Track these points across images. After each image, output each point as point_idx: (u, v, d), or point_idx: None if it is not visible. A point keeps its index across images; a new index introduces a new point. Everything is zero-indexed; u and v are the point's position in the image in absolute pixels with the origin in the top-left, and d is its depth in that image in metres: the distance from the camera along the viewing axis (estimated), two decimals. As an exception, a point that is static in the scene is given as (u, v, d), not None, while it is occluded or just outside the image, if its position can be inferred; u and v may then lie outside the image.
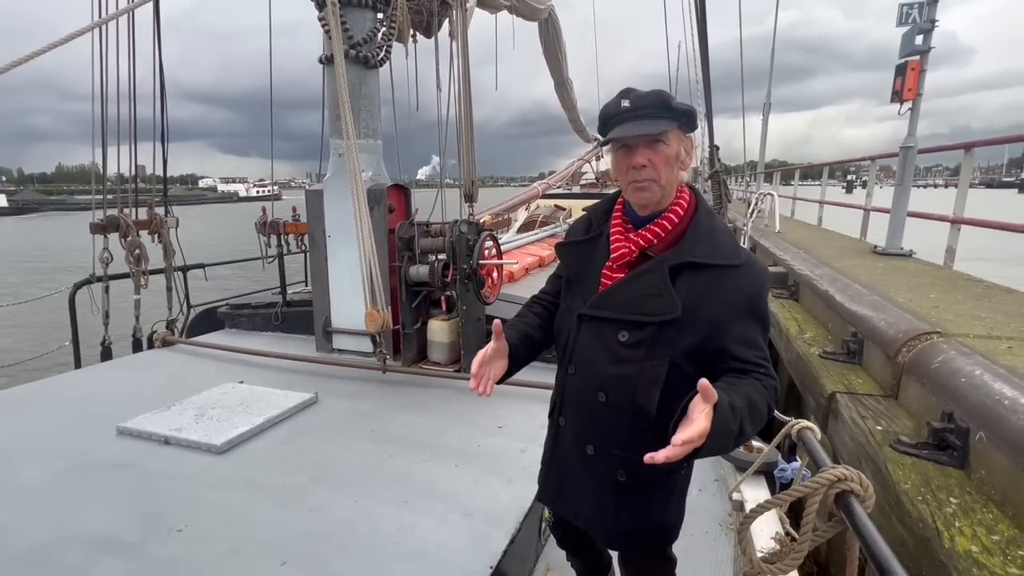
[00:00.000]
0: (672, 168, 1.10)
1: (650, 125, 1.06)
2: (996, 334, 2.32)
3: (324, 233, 3.75)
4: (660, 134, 1.07)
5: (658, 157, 1.08)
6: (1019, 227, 3.43)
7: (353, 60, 3.50)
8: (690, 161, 1.15)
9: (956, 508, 1.58)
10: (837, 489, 1.13)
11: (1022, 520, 1.49)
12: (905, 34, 4.27)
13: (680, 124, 1.10)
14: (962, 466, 1.78)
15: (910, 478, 1.72)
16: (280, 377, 3.34)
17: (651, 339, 1.08)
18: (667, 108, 1.08)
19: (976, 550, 1.40)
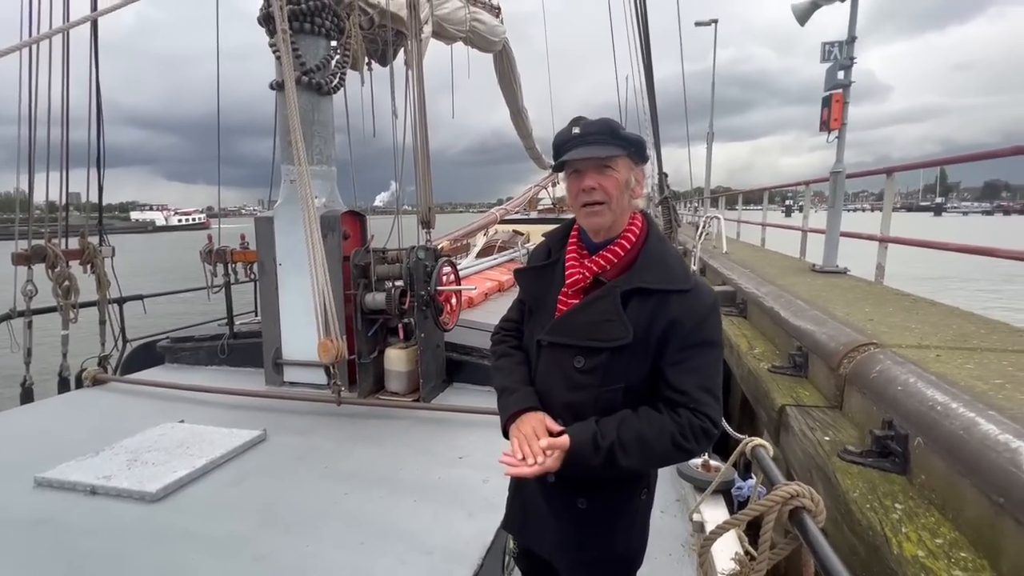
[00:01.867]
0: (622, 194, 1.12)
1: (598, 150, 1.09)
2: (926, 344, 2.48)
3: (275, 261, 3.63)
4: (608, 158, 1.10)
5: (608, 181, 1.10)
6: (937, 244, 3.73)
7: (306, 86, 3.46)
8: (640, 190, 1.18)
9: (901, 514, 1.64)
10: (791, 506, 1.16)
11: (961, 522, 1.56)
12: (828, 69, 4.66)
13: (628, 152, 1.13)
14: (904, 472, 1.86)
15: (858, 486, 1.79)
16: (226, 414, 3.15)
17: (605, 365, 1.09)
18: (615, 135, 1.11)
19: (923, 555, 1.46)
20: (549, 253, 1.26)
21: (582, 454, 1.04)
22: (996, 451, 1.48)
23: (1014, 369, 2.07)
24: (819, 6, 4.59)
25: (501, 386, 1.24)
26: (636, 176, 1.16)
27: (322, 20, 3.43)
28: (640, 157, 1.16)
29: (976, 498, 1.50)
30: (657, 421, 1.06)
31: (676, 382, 1.06)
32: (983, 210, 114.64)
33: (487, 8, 6.56)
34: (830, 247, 5.06)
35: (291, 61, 2.90)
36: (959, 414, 1.69)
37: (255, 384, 3.64)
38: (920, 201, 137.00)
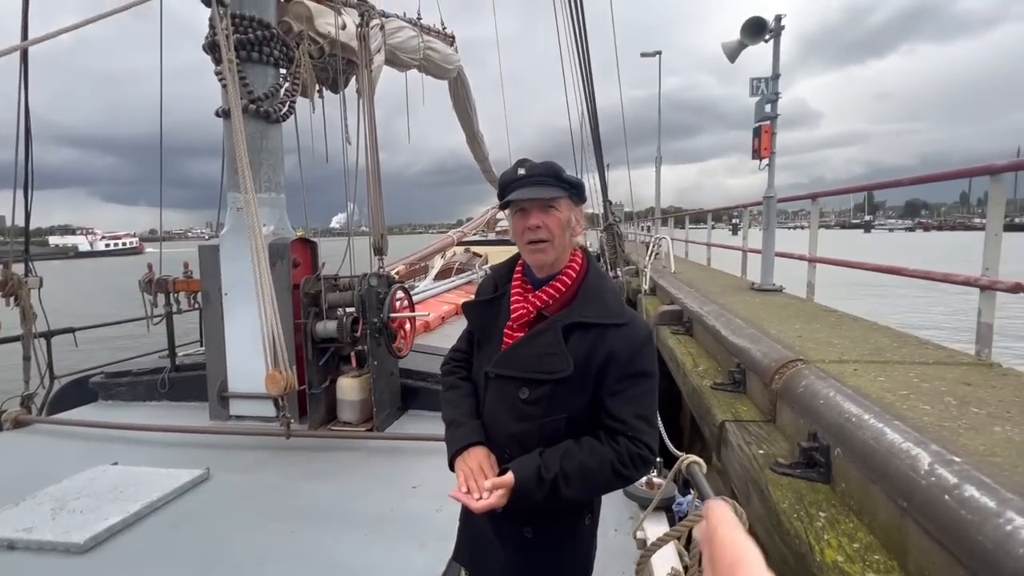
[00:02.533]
0: (564, 232, 1.19)
1: (543, 191, 1.17)
2: (846, 358, 2.69)
3: (220, 290, 3.53)
4: (552, 199, 1.17)
5: (551, 220, 1.17)
6: (856, 264, 4.07)
7: (253, 114, 3.44)
8: (580, 228, 1.26)
9: (824, 521, 1.77)
10: None
11: (875, 526, 1.70)
12: (757, 103, 5.04)
13: (570, 194, 1.21)
14: (827, 481, 2.01)
15: (787, 497, 1.91)
16: (166, 453, 3.00)
17: (548, 396, 1.14)
18: (558, 178, 1.19)
19: (841, 560, 1.58)
20: (496, 287, 1.32)
21: (526, 489, 1.09)
22: (900, 458, 1.63)
23: (918, 380, 2.28)
24: (746, 46, 4.98)
25: (449, 419, 1.29)
26: (576, 216, 1.24)
27: (270, 49, 3.44)
28: (580, 198, 1.24)
29: (885, 503, 1.65)
30: (598, 451, 1.11)
31: (615, 411, 1.13)
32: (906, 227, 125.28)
33: (441, 37, 6.70)
34: (766, 266, 5.39)
35: (237, 90, 2.88)
36: (870, 425, 1.85)
37: (199, 420, 3.49)
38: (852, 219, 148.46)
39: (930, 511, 1.42)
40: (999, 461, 1.49)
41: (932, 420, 1.82)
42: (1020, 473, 1.41)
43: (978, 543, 1.23)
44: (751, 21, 4.82)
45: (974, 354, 2.69)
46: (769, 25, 4.85)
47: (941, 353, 2.77)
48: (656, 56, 16.08)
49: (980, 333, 2.69)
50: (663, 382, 4.70)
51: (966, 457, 1.50)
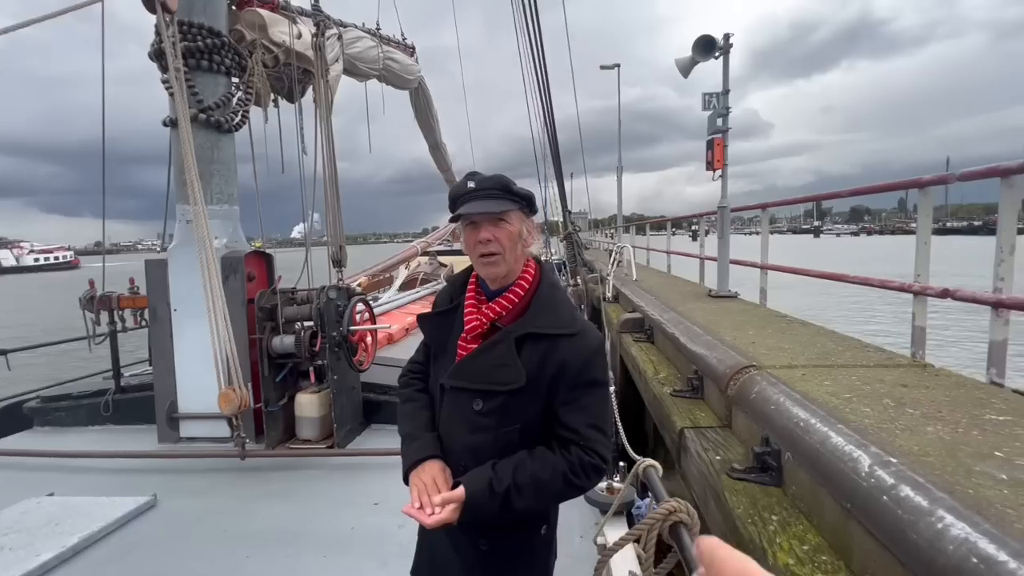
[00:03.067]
0: (516, 245, 1.20)
1: (493, 204, 1.17)
2: (795, 363, 2.81)
3: (168, 306, 3.37)
4: (502, 212, 1.18)
5: (502, 233, 1.17)
6: (803, 271, 4.27)
7: (204, 124, 3.33)
8: (532, 240, 1.26)
9: (777, 525, 1.84)
10: (671, 521, 1.27)
11: (823, 528, 1.78)
12: (709, 117, 5.25)
13: (520, 206, 1.22)
14: (779, 485, 2.09)
15: (742, 502, 1.97)
16: (109, 481, 2.83)
17: (502, 407, 1.14)
18: (507, 191, 1.20)
19: (792, 562, 1.64)
20: (451, 299, 1.31)
21: (478, 502, 1.09)
22: (843, 461, 1.71)
23: (860, 383, 2.41)
24: (697, 62, 5.19)
25: (405, 432, 1.28)
26: (528, 227, 1.24)
27: (221, 58, 3.33)
28: (530, 210, 1.25)
29: (832, 505, 1.72)
30: (550, 461, 1.13)
31: (567, 420, 1.14)
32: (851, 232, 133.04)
33: (401, 47, 6.67)
34: (722, 274, 5.58)
35: (184, 100, 2.79)
36: (817, 429, 1.94)
37: (146, 443, 3.31)
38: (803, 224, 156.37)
39: (870, 511, 1.49)
40: (931, 461, 1.59)
41: (872, 422, 1.92)
42: (949, 472, 1.51)
43: (913, 541, 1.30)
44: (701, 39, 5.03)
45: (910, 355, 2.86)
46: (718, 43, 5.07)
47: (881, 355, 2.93)
48: (615, 68, 16.50)
49: (914, 336, 2.86)
50: (628, 389, 4.78)
51: (902, 458, 1.59)
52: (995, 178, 2.24)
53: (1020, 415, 1.93)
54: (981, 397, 2.13)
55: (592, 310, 6.83)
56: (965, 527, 1.23)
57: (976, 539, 1.18)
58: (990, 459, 1.57)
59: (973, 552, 1.16)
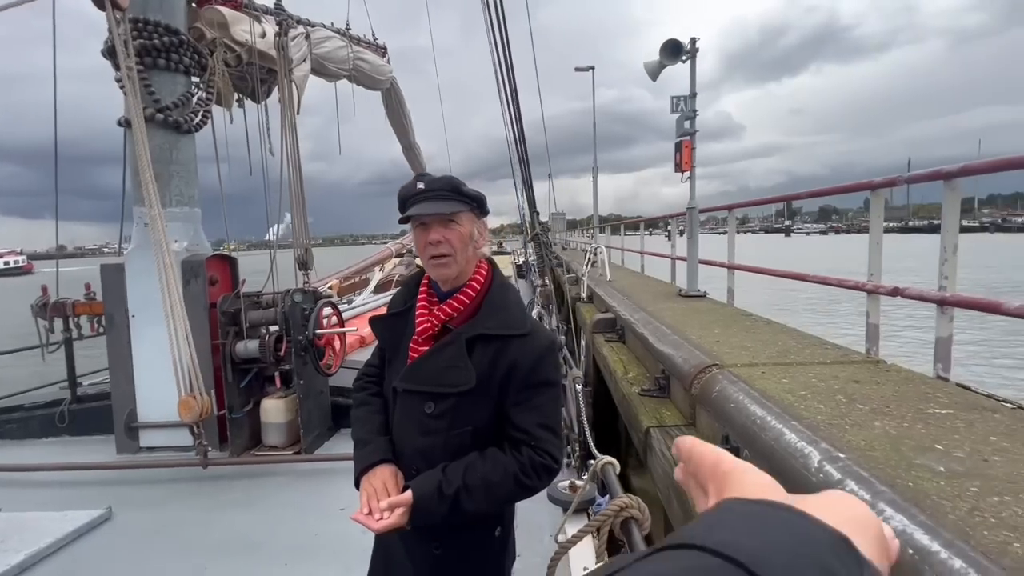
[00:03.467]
0: (467, 246, 1.19)
1: (443, 205, 1.16)
2: (755, 362, 2.88)
3: (126, 312, 3.27)
4: (453, 214, 1.17)
5: (452, 235, 1.17)
6: (767, 271, 4.38)
7: (162, 124, 3.23)
8: (484, 241, 1.26)
9: (733, 519, 1.88)
10: (622, 517, 1.29)
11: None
12: (677, 120, 5.34)
13: (471, 207, 1.21)
14: (738, 480, 2.14)
15: (700, 498, 2.01)
16: (62, 495, 2.73)
17: (453, 409, 1.14)
18: (457, 192, 1.18)
19: (745, 554, 1.68)
20: (405, 301, 1.30)
21: (427, 505, 1.08)
22: (795, 457, 1.76)
23: (816, 379, 2.48)
24: (665, 65, 5.27)
25: (357, 437, 1.27)
26: (479, 228, 1.24)
27: (179, 56, 3.24)
28: (481, 211, 1.24)
29: (785, 499, 1.78)
30: (501, 462, 1.13)
31: (518, 421, 1.14)
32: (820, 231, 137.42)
33: (372, 48, 6.60)
34: (691, 274, 5.69)
35: (138, 99, 2.70)
36: (772, 426, 1.99)
37: (104, 455, 3.20)
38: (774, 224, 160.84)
39: (818, 506, 1.54)
40: (877, 455, 1.65)
41: (824, 418, 1.98)
42: (892, 466, 1.57)
43: (855, 534, 1.35)
44: (668, 43, 5.11)
45: (864, 352, 2.96)
46: (685, 47, 5.16)
47: (837, 352, 3.02)
48: (590, 71, 16.63)
49: (868, 332, 2.96)
50: (600, 388, 4.82)
51: (849, 453, 1.65)
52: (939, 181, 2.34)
53: (961, 408, 2.02)
54: (927, 391, 2.22)
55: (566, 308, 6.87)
56: (903, 519, 1.28)
57: (912, 531, 1.23)
58: (930, 452, 1.64)
59: (909, 543, 1.21)
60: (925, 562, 1.16)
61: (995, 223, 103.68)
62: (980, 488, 1.41)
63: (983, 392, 2.23)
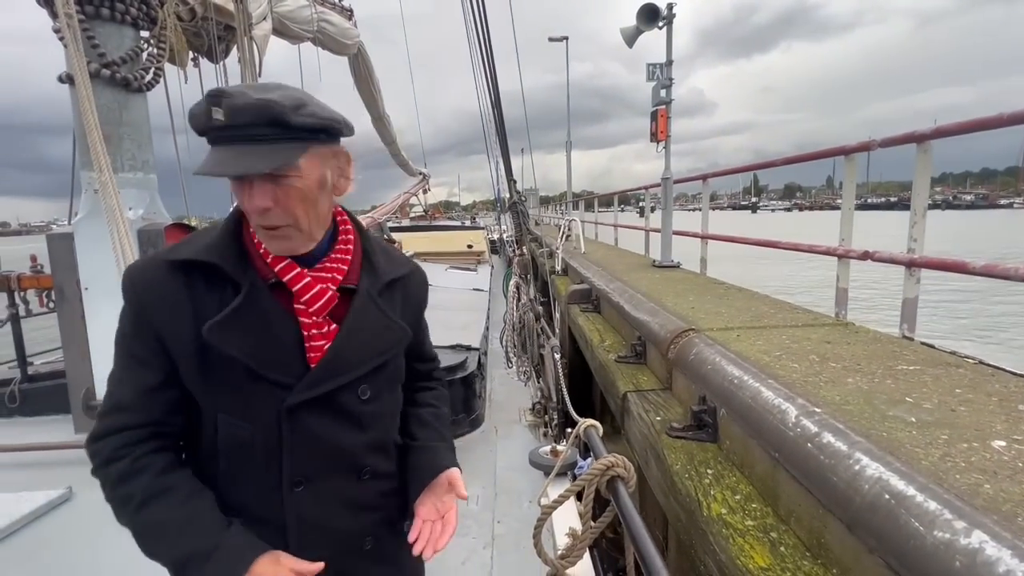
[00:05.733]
0: (316, 203, 0.84)
1: (262, 156, 0.75)
2: (731, 326, 2.92)
3: (78, 285, 3.07)
4: (282, 167, 0.77)
5: (289, 196, 0.79)
6: (739, 239, 4.44)
7: (108, 81, 2.98)
8: (347, 183, 0.89)
9: (711, 478, 1.91)
10: (608, 476, 1.28)
11: (753, 478, 1.87)
12: (653, 88, 5.29)
13: (317, 140, 0.81)
14: (715, 440, 2.18)
15: (679, 459, 2.04)
16: (17, 476, 2.59)
17: (387, 378, 1.00)
18: (283, 126, 0.76)
19: (725, 512, 1.71)
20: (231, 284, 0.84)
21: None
22: (772, 414, 1.79)
23: (790, 341, 2.53)
24: (642, 31, 5.19)
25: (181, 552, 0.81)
26: (336, 167, 0.87)
27: (125, 7, 2.98)
28: (330, 137, 0.84)
29: (762, 456, 1.81)
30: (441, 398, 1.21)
31: (427, 351, 1.18)
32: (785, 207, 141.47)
33: (337, 9, 6.27)
34: (665, 245, 5.73)
35: (81, 52, 2.48)
36: (749, 385, 2.02)
37: (61, 434, 3.04)
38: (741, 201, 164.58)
39: (796, 458, 1.57)
40: (851, 409, 1.69)
41: (799, 377, 2.02)
42: (866, 419, 1.61)
43: (832, 483, 1.38)
44: (645, 7, 5.02)
45: (834, 316, 3.05)
46: (662, 12, 5.08)
47: (808, 316, 3.10)
48: (564, 41, 16.34)
49: (838, 297, 3.04)
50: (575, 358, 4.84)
51: (825, 408, 1.68)
52: (911, 145, 2.37)
53: (927, 364, 2.10)
54: (895, 350, 2.29)
55: (541, 282, 6.86)
56: (879, 467, 1.31)
57: (888, 477, 1.26)
58: (901, 404, 1.69)
59: (886, 489, 1.24)
60: (901, 506, 1.19)
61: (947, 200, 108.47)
62: (949, 436, 1.46)
63: (946, 350, 2.32)
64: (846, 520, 1.31)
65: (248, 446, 0.86)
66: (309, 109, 0.79)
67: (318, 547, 0.91)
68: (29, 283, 3.39)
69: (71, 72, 2.68)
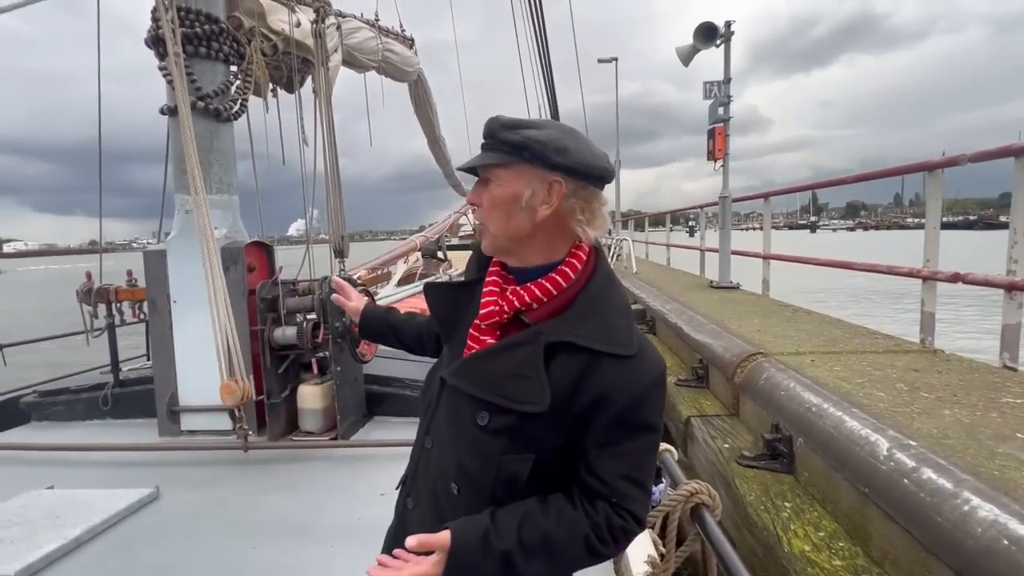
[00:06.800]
0: (506, 214, 0.87)
1: (480, 157, 0.88)
2: (803, 350, 2.79)
3: (168, 298, 3.32)
4: (485, 168, 0.87)
5: (484, 197, 0.88)
6: (808, 260, 4.25)
7: (202, 112, 3.26)
8: (547, 211, 0.86)
9: (790, 512, 1.81)
10: (692, 503, 1.24)
11: (838, 514, 1.75)
12: (711, 106, 5.21)
13: (523, 158, 0.85)
14: (791, 471, 2.07)
15: (753, 490, 1.95)
16: (110, 474, 2.79)
17: (514, 429, 0.86)
18: (494, 137, 0.85)
19: (808, 549, 1.61)
20: (477, 269, 1.01)
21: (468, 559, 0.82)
22: (859, 445, 1.69)
23: (871, 368, 2.38)
24: (698, 50, 5.15)
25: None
26: (540, 191, 0.85)
27: (219, 45, 3.27)
28: (543, 163, 0.84)
29: (848, 490, 1.70)
30: (568, 519, 0.85)
31: (599, 468, 0.84)
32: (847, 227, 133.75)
33: (400, 39, 6.60)
34: (723, 265, 5.56)
35: (184, 87, 2.73)
36: (830, 414, 1.91)
37: (147, 436, 3.27)
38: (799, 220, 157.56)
39: (890, 495, 1.47)
40: (952, 443, 1.56)
41: (886, 407, 1.89)
42: (971, 454, 1.48)
43: (937, 524, 1.28)
44: (703, 26, 4.98)
45: (919, 342, 2.84)
46: (720, 30, 5.02)
47: (889, 342, 2.91)
48: (613, 62, 16.41)
49: (923, 322, 2.84)
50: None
51: (921, 441, 1.57)
52: (1008, 160, 2.21)
53: (1036, 398, 1.91)
54: (996, 381, 2.11)
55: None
56: (993, 508, 1.20)
57: (1006, 520, 1.16)
58: (1012, 441, 1.55)
59: (1003, 534, 1.14)
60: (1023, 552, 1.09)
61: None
62: (1073, 478, 1.32)
63: (1056, 383, 2.11)
64: (955, 566, 1.21)
65: (425, 390, 1.05)
66: (520, 129, 0.85)
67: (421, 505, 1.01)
68: (125, 295, 3.70)
69: (173, 104, 2.96)
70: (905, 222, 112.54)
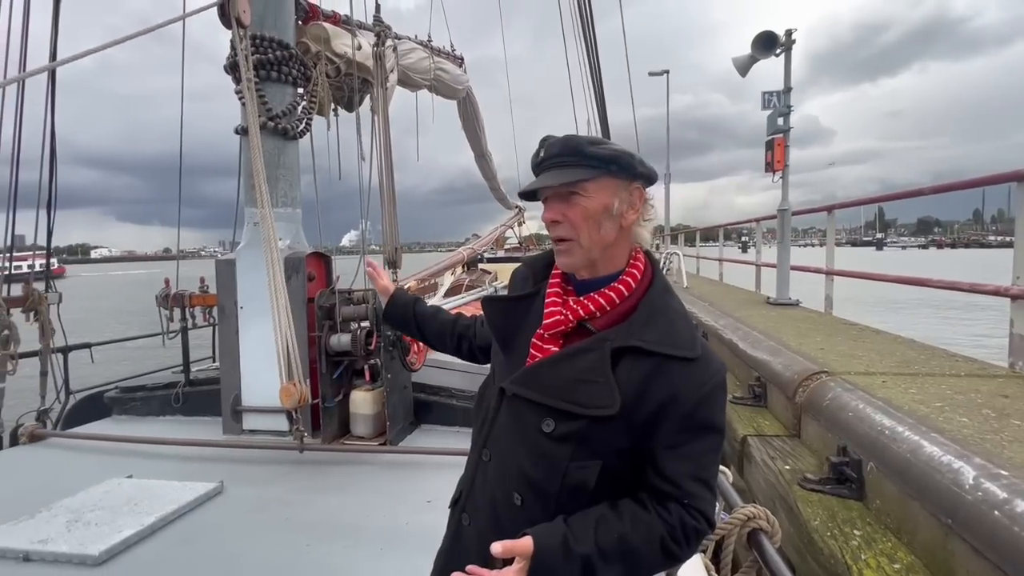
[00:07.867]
0: (598, 225, 0.91)
1: (559, 175, 0.91)
2: (872, 370, 2.61)
3: (236, 304, 3.54)
4: (573, 184, 0.90)
5: (574, 212, 0.91)
6: (876, 276, 3.99)
7: (272, 131, 3.50)
8: (634, 216, 0.94)
9: (860, 540, 1.69)
10: (749, 528, 1.19)
11: (916, 546, 1.62)
12: (769, 116, 5.04)
13: (609, 171, 0.90)
14: (860, 498, 1.93)
15: (818, 514, 1.84)
16: (180, 467, 2.98)
17: (580, 435, 0.87)
18: (579, 154, 0.90)
19: (881, 578, 1.50)
20: (531, 282, 1.05)
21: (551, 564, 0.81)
22: (941, 472, 1.56)
23: (952, 392, 2.20)
24: (757, 60, 5.01)
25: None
26: (626, 199, 0.92)
27: (289, 69, 3.51)
28: (628, 174, 0.92)
29: (927, 520, 1.57)
30: (644, 522, 0.85)
31: (668, 470, 0.86)
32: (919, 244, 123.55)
33: (450, 58, 6.84)
34: (782, 280, 5.32)
35: (256, 109, 2.93)
36: (905, 438, 1.78)
37: (212, 434, 3.47)
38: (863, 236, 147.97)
39: (978, 528, 1.34)
40: (1048, 475, 1.42)
41: (972, 433, 1.74)
42: (1073, 487, 1.34)
43: (1035, 561, 1.16)
44: (762, 35, 4.86)
45: (1007, 366, 2.60)
46: (780, 39, 4.88)
47: (972, 365, 2.68)
48: (664, 75, 16.25)
49: (1013, 345, 2.60)
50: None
51: (1013, 471, 1.43)
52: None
53: None
54: (1100, 410, 1.90)
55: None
56: (1102, 546, 1.08)
57: (1118, 560, 1.03)
58: (1123, 475, 1.39)
59: (1116, 575, 1.02)
60: None
61: None
62: None
63: None
64: (1058, 608, 1.09)
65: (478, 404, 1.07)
66: (604, 144, 0.92)
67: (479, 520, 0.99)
68: (197, 301, 3.97)
69: (246, 125, 3.19)
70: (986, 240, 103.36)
